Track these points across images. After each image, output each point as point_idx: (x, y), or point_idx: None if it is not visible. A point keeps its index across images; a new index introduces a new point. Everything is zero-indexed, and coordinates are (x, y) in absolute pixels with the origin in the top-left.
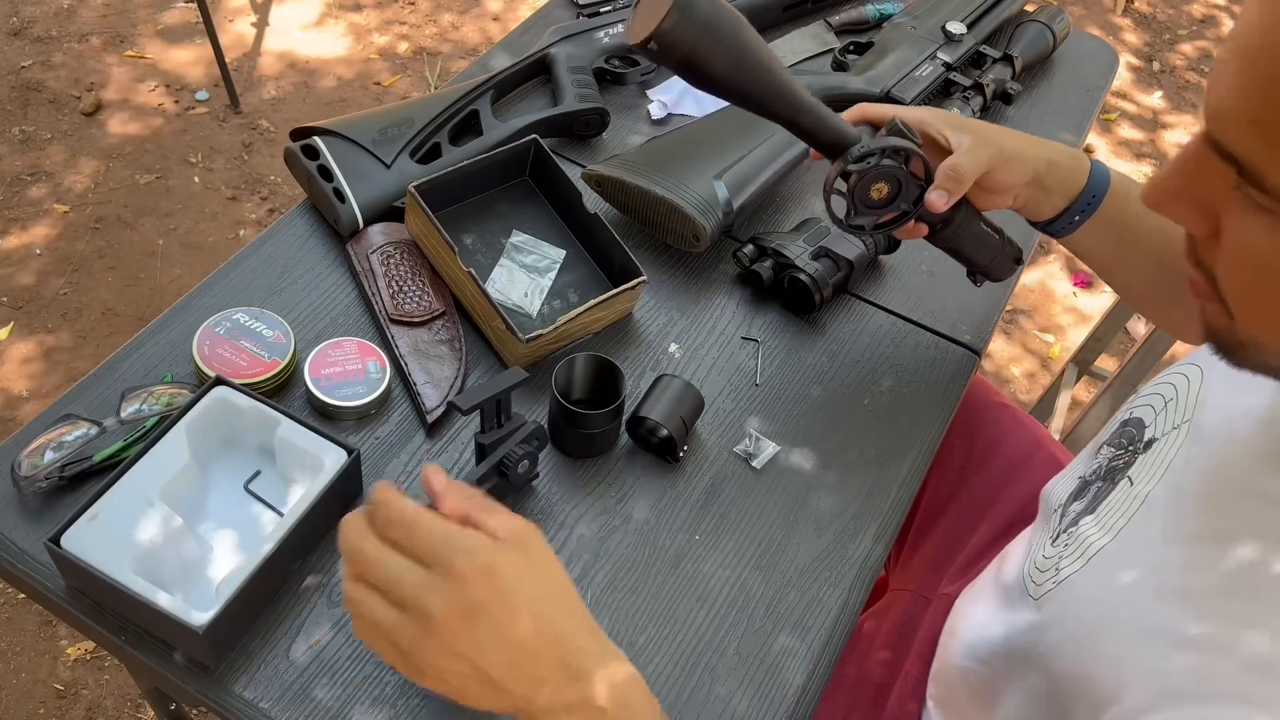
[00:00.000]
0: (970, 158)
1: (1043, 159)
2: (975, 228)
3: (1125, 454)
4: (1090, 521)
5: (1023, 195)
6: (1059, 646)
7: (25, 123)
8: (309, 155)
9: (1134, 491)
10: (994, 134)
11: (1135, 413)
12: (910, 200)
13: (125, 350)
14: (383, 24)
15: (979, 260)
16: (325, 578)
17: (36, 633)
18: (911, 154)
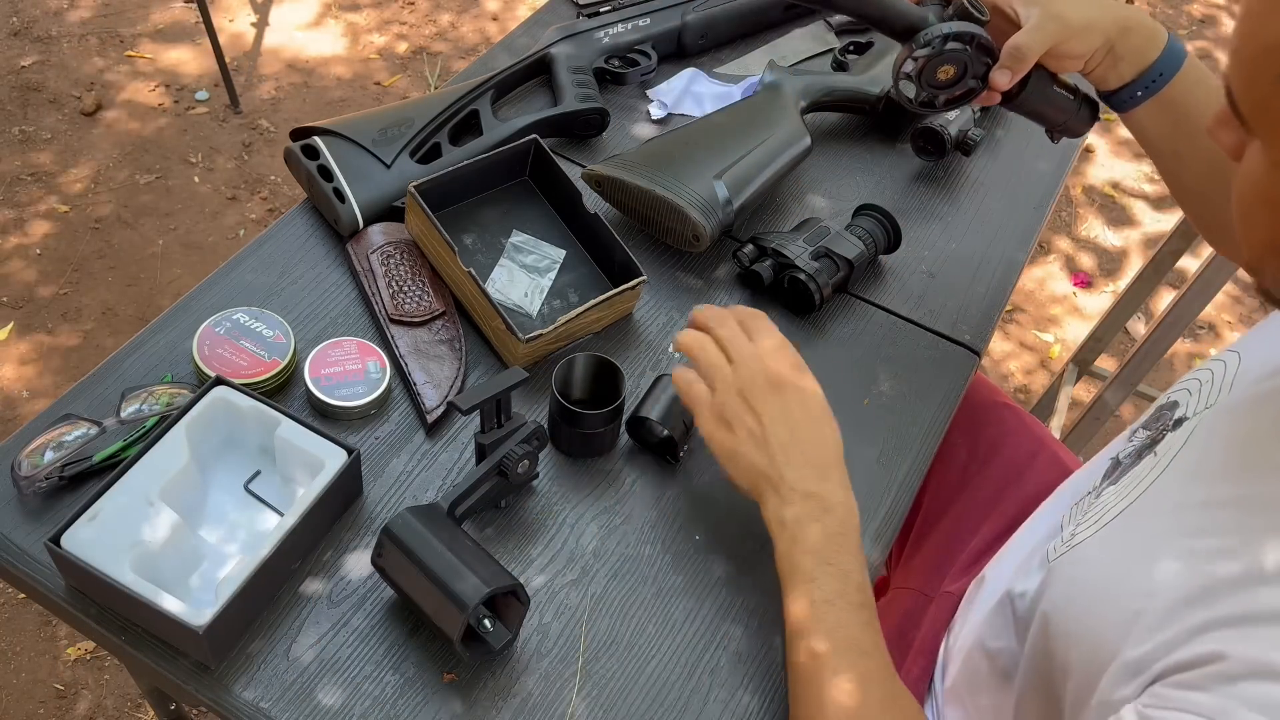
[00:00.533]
0: (1034, 36)
1: (1117, 25)
2: (1048, 91)
3: (1158, 433)
4: (1111, 491)
5: (1092, 61)
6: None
7: (25, 122)
8: (309, 155)
9: (1156, 461)
10: (1063, 5)
11: (1173, 397)
12: (978, 76)
13: (125, 350)
14: (382, 24)
15: (1055, 119)
16: (326, 578)
17: (36, 633)
18: (977, 38)
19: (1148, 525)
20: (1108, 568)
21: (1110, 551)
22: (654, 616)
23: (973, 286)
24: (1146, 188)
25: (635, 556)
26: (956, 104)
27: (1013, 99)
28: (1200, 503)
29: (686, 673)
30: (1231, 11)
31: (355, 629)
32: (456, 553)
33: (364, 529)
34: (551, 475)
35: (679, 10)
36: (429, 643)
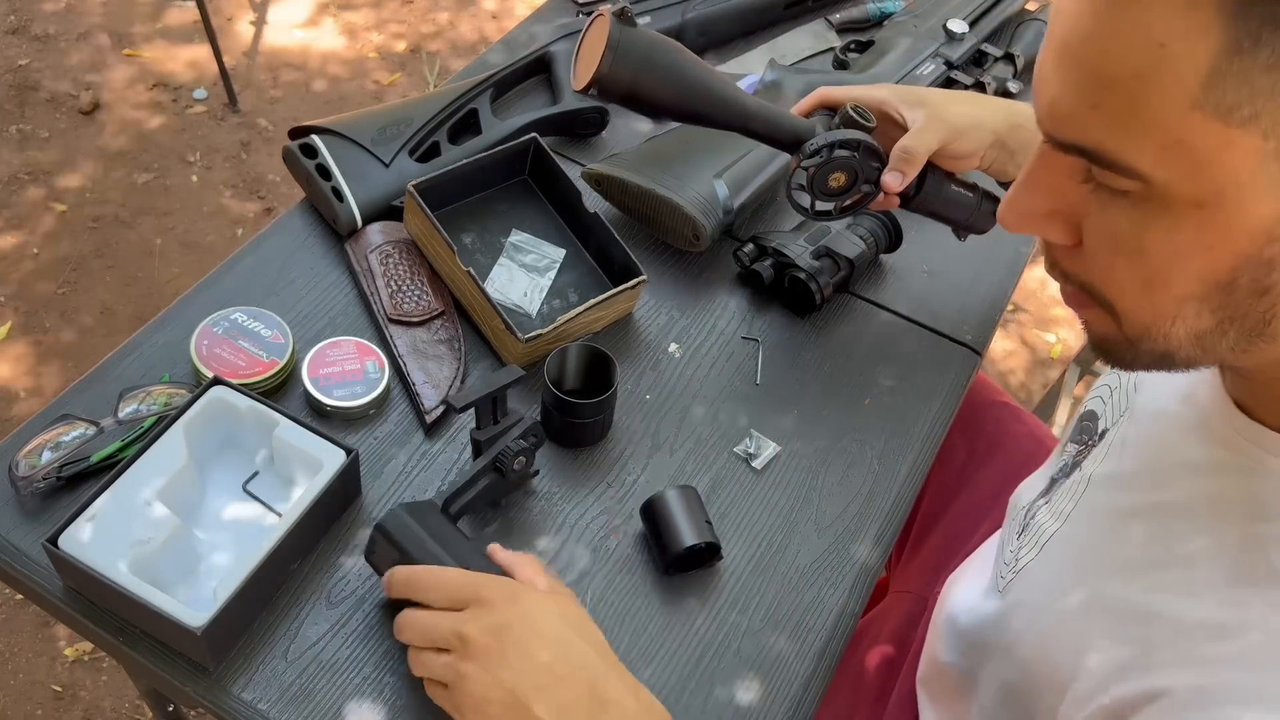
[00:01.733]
0: (921, 137)
1: (1004, 123)
2: (946, 191)
3: (1085, 448)
4: (1045, 510)
5: (988, 158)
6: (1020, 633)
7: (23, 121)
8: (307, 154)
9: (1081, 476)
10: (949, 107)
11: (1089, 406)
12: (871, 180)
13: (123, 350)
14: (381, 22)
15: (957, 219)
16: (324, 578)
17: (34, 634)
18: (863, 144)
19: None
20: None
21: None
22: (654, 618)
23: (974, 286)
24: None
25: (635, 558)
26: (852, 210)
27: (910, 200)
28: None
29: (687, 673)
30: None
31: (354, 630)
32: (449, 550)
33: (363, 529)
34: (551, 475)
35: (679, 9)
36: None
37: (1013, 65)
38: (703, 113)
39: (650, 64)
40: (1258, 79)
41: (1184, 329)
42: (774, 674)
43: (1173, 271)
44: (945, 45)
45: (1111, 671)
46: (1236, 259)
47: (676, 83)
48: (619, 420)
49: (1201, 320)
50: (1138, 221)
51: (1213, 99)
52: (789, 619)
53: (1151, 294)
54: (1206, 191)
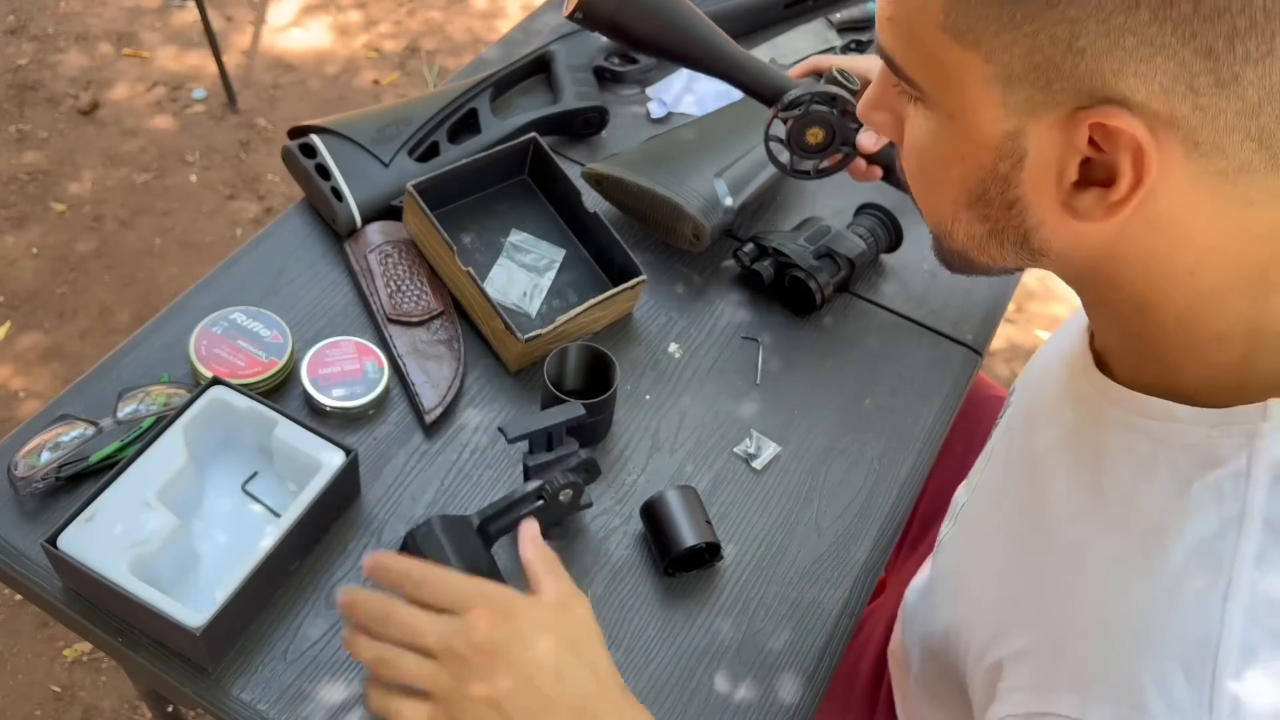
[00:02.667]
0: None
1: None
2: None
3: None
4: (962, 488)
5: None
6: (938, 602)
7: (22, 121)
8: (306, 154)
9: (987, 449)
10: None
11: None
12: (849, 142)
13: (122, 350)
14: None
15: None
16: (323, 579)
17: (33, 634)
18: (840, 98)
19: (976, 507)
20: (958, 559)
21: (958, 541)
22: (654, 618)
23: (975, 286)
24: None
25: (635, 557)
26: (829, 172)
27: (893, 173)
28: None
29: (687, 673)
30: None
31: None
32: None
33: (362, 530)
34: None
35: None
36: None
37: None
38: (686, 50)
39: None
40: (976, 7)
41: (962, 232)
42: (774, 674)
43: (941, 175)
44: None
45: (992, 635)
46: (981, 171)
47: (664, 19)
48: (619, 420)
49: (974, 227)
50: (920, 126)
51: (950, 21)
52: (789, 619)
53: (931, 194)
54: (954, 104)
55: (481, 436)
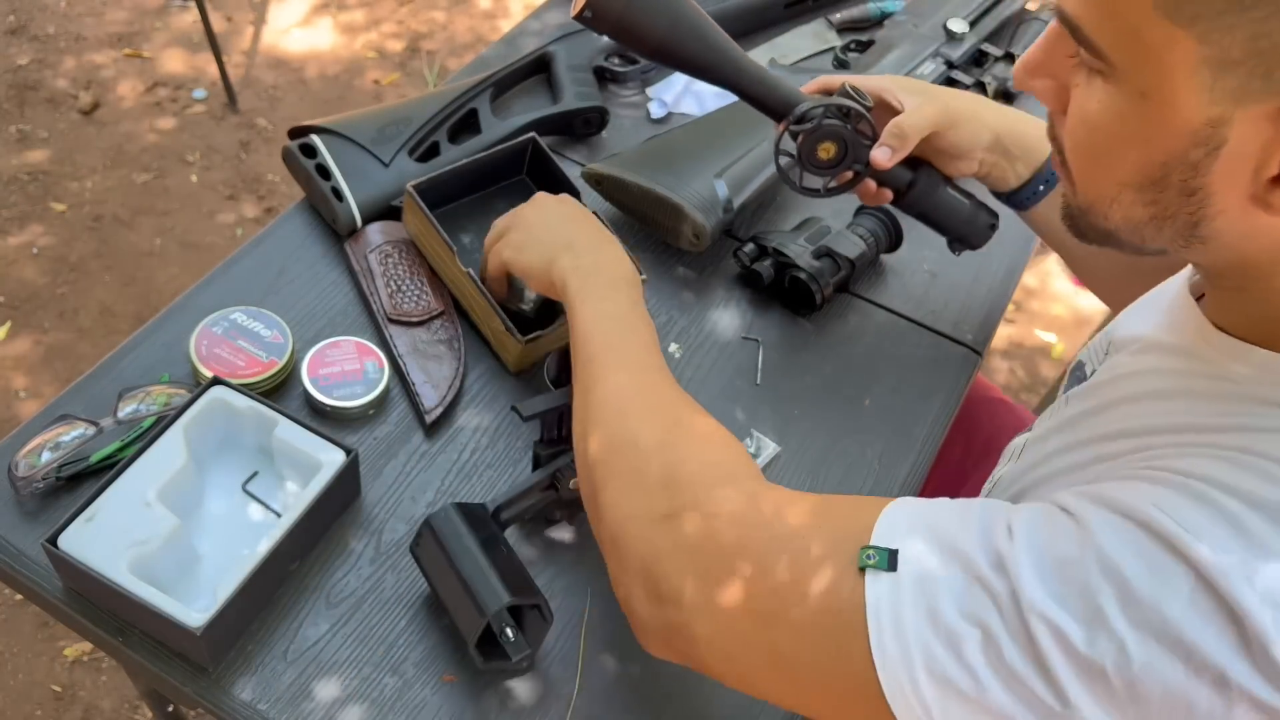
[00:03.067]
0: (915, 116)
1: (1004, 126)
2: (940, 193)
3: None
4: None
5: (986, 161)
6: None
7: (22, 121)
8: (307, 154)
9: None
10: (945, 95)
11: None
12: (861, 160)
13: (122, 350)
14: (380, 22)
15: (952, 227)
16: (324, 578)
17: (34, 634)
18: (854, 112)
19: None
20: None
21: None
22: None
23: (975, 286)
24: None
25: None
26: (841, 190)
27: (902, 197)
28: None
29: (687, 675)
30: None
31: (353, 630)
32: (489, 557)
33: (362, 529)
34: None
35: None
36: (428, 644)
37: (1013, 64)
38: (693, 59)
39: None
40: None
41: (1120, 214)
42: None
43: (1116, 154)
44: (945, 45)
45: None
46: (1168, 155)
47: (672, 24)
48: None
49: (1136, 211)
50: (1100, 100)
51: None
52: None
53: (1096, 170)
54: (1150, 84)
55: (482, 436)
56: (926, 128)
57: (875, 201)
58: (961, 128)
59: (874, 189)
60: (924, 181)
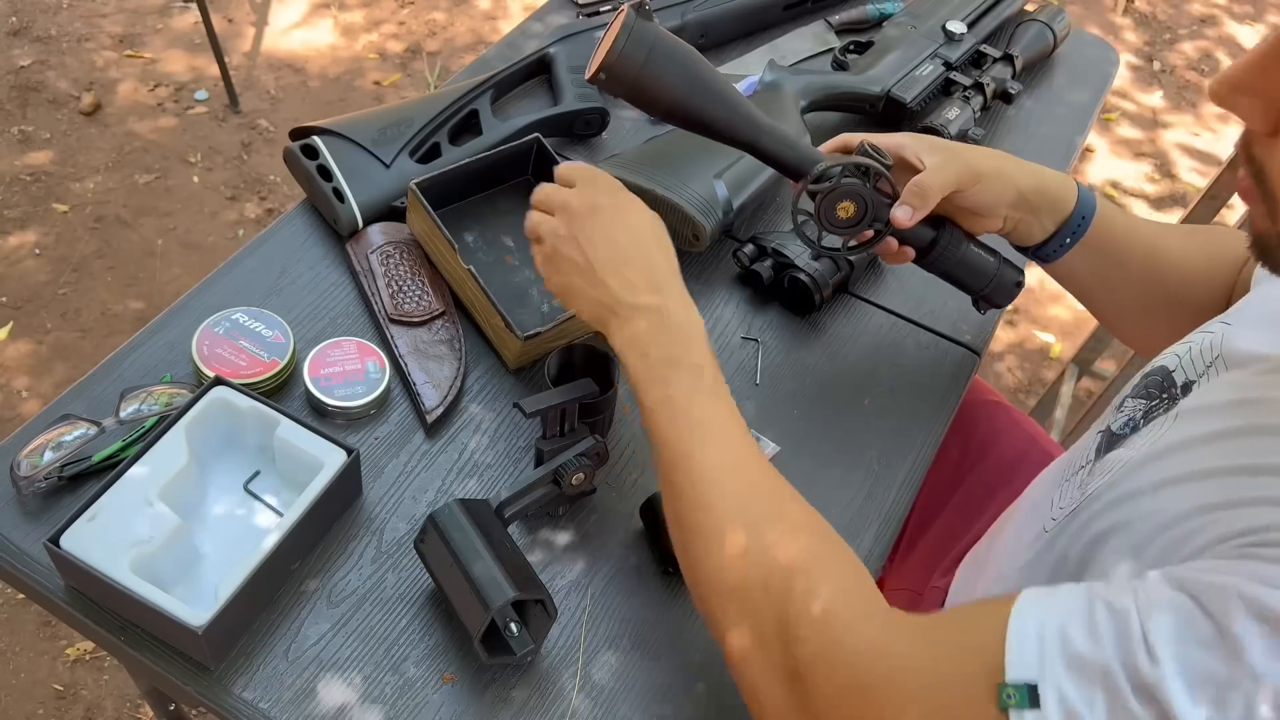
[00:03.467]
0: (937, 175)
1: (1028, 181)
2: (964, 251)
3: (1163, 401)
4: (1121, 450)
5: (1011, 218)
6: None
7: (24, 122)
8: (308, 155)
9: (1167, 416)
10: (968, 152)
11: (1159, 363)
12: (881, 219)
13: (124, 350)
14: (381, 23)
15: (975, 285)
16: (325, 578)
17: (36, 633)
18: (874, 170)
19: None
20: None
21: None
22: (654, 617)
23: None
24: (1147, 187)
25: (635, 557)
26: (861, 250)
27: (924, 255)
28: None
29: (687, 674)
30: (1232, 11)
31: (355, 629)
32: (493, 552)
33: (363, 529)
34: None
35: (679, 10)
36: (429, 643)
37: (1011, 66)
38: (710, 118)
39: (660, 55)
40: None
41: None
42: None
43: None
44: (944, 46)
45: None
46: None
47: (686, 81)
48: (619, 420)
49: None
50: None
51: None
52: None
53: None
54: None
55: (483, 436)
56: (948, 186)
57: (897, 260)
58: (985, 185)
59: (895, 247)
60: (947, 240)
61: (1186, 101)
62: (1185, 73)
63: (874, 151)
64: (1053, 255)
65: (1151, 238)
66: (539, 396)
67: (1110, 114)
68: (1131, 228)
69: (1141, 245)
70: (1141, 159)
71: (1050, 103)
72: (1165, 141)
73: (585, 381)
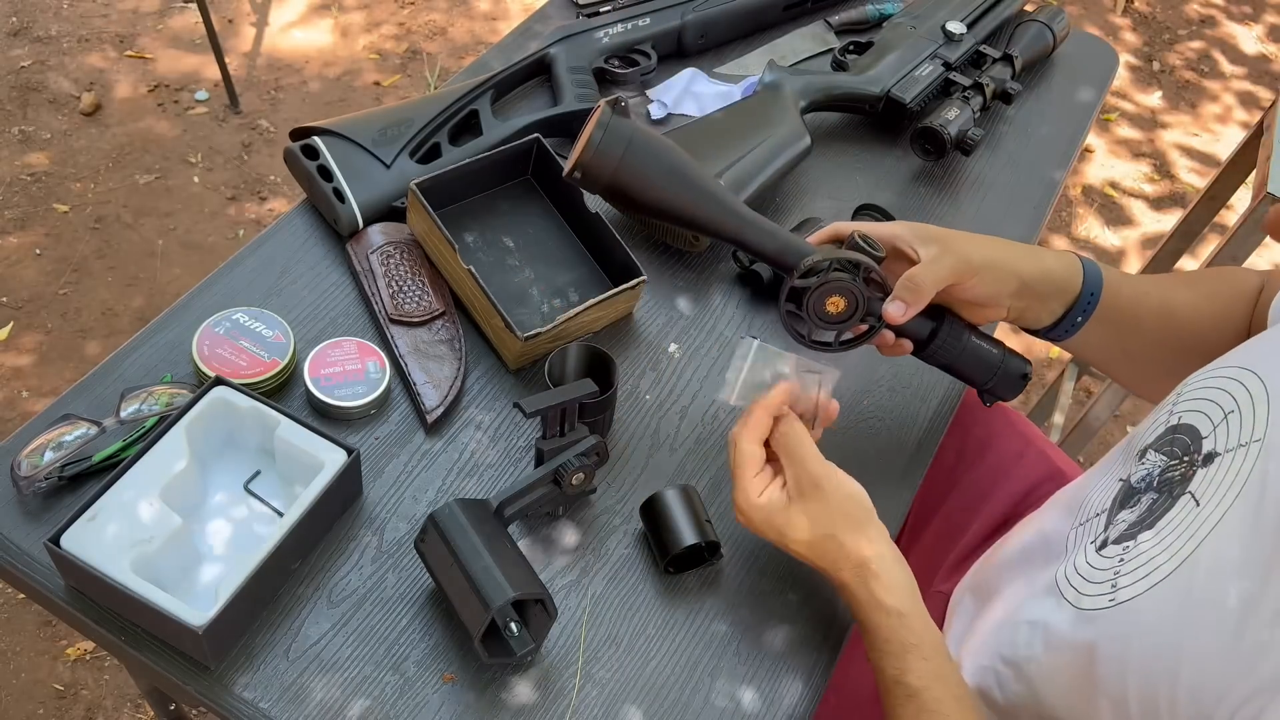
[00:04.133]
0: (931, 268)
1: (1030, 269)
2: (965, 343)
3: (1181, 465)
4: (1150, 539)
5: (1015, 307)
6: (1119, 672)
7: (25, 123)
8: (309, 155)
9: (1202, 514)
10: (964, 243)
11: (1184, 419)
12: (874, 313)
13: (125, 350)
14: (382, 24)
15: (978, 378)
16: (325, 578)
17: (36, 633)
18: (863, 265)
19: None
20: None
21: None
22: (654, 617)
23: None
24: (1145, 187)
25: (634, 556)
26: (853, 345)
27: (923, 348)
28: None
29: (687, 673)
30: (1230, 12)
31: (355, 629)
32: (494, 552)
33: (364, 529)
34: None
35: (679, 10)
36: (429, 643)
37: (1011, 66)
38: (693, 213)
39: (638, 149)
40: None
41: None
42: (774, 673)
43: None
44: (944, 47)
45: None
46: None
47: (665, 175)
48: (619, 420)
49: None
50: None
51: None
52: (789, 618)
53: None
54: None
55: (483, 436)
56: (942, 281)
57: (894, 353)
58: (984, 276)
59: (892, 340)
60: (946, 332)
61: (1185, 102)
62: (1184, 73)
63: (866, 243)
64: (1064, 335)
65: (1161, 297)
66: (539, 396)
67: (1109, 114)
68: (1141, 292)
69: (1152, 307)
70: (1140, 159)
71: (1049, 103)
72: (1164, 142)
73: (585, 381)
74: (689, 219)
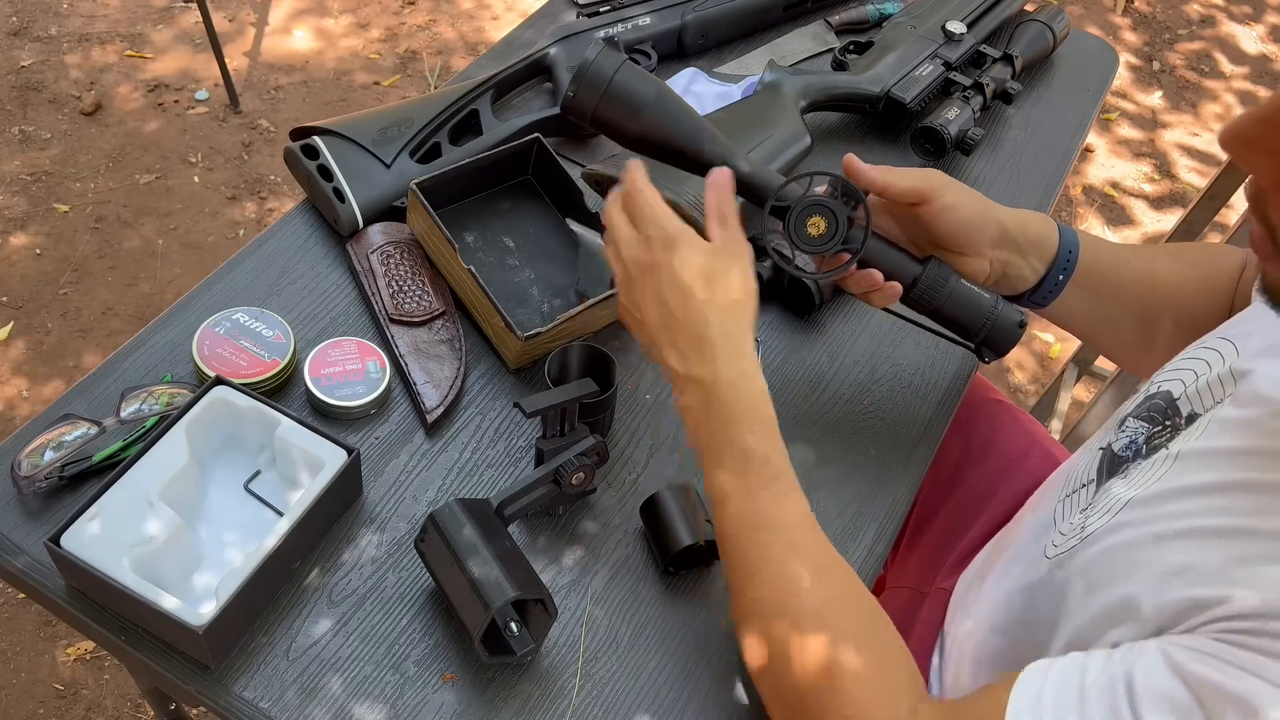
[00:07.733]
0: (905, 171)
1: (1010, 217)
2: (954, 284)
3: (1164, 430)
4: (1120, 483)
5: (998, 260)
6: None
7: (25, 122)
8: (309, 155)
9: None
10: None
11: (1163, 386)
12: (855, 241)
13: (125, 350)
14: (382, 23)
15: (973, 324)
16: (325, 578)
17: (36, 633)
18: (841, 181)
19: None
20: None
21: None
22: (654, 616)
23: None
24: (1146, 187)
25: (634, 557)
26: (837, 271)
27: (911, 290)
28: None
29: (686, 673)
30: (1231, 12)
31: (355, 629)
32: (494, 552)
33: (364, 529)
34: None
35: (679, 10)
36: (429, 642)
37: (1011, 66)
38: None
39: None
40: None
41: None
42: None
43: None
44: (944, 46)
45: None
46: None
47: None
48: (619, 420)
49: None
50: None
51: None
52: None
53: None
54: None
55: (483, 436)
56: (917, 181)
57: (885, 299)
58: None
59: (880, 281)
60: (934, 271)
61: (1186, 101)
62: (1184, 73)
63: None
64: (1048, 298)
65: (1142, 265)
66: (539, 396)
67: (1110, 114)
68: (1120, 258)
69: (1134, 274)
70: (1141, 159)
71: (1050, 103)
72: (1164, 141)
73: (585, 381)
74: (677, 152)
